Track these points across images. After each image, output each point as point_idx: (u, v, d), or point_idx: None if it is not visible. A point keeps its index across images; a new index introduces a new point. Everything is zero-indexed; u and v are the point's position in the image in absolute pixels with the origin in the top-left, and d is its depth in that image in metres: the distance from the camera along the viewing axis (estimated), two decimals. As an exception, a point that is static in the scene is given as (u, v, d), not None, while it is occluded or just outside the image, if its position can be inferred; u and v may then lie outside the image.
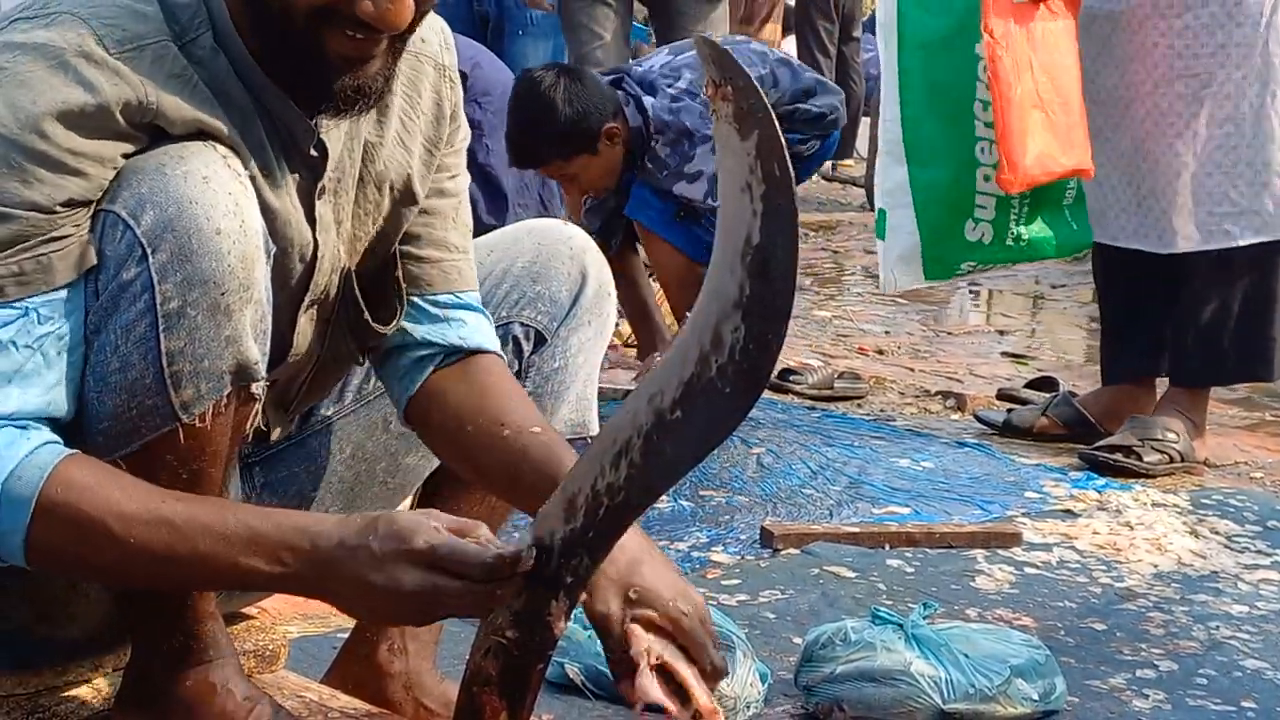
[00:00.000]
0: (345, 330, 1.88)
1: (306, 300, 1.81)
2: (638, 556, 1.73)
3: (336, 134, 1.78)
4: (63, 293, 1.59)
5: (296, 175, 1.76)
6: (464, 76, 3.35)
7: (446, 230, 1.94)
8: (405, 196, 1.88)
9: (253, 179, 1.68)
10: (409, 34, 1.69)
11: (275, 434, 1.95)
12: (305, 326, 1.84)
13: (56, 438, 1.58)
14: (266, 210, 1.69)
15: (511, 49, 5.94)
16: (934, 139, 3.96)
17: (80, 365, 1.61)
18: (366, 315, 1.86)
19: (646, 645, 1.68)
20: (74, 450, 1.58)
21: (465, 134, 1.97)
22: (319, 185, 1.78)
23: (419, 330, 1.91)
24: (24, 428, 1.56)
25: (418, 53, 1.86)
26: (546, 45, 6.04)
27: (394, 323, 1.89)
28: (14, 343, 1.56)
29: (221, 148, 1.65)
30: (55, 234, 1.57)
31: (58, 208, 1.57)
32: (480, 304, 1.96)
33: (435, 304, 1.92)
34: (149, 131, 1.62)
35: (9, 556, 1.57)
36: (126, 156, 1.61)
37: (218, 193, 1.60)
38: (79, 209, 1.59)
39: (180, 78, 1.64)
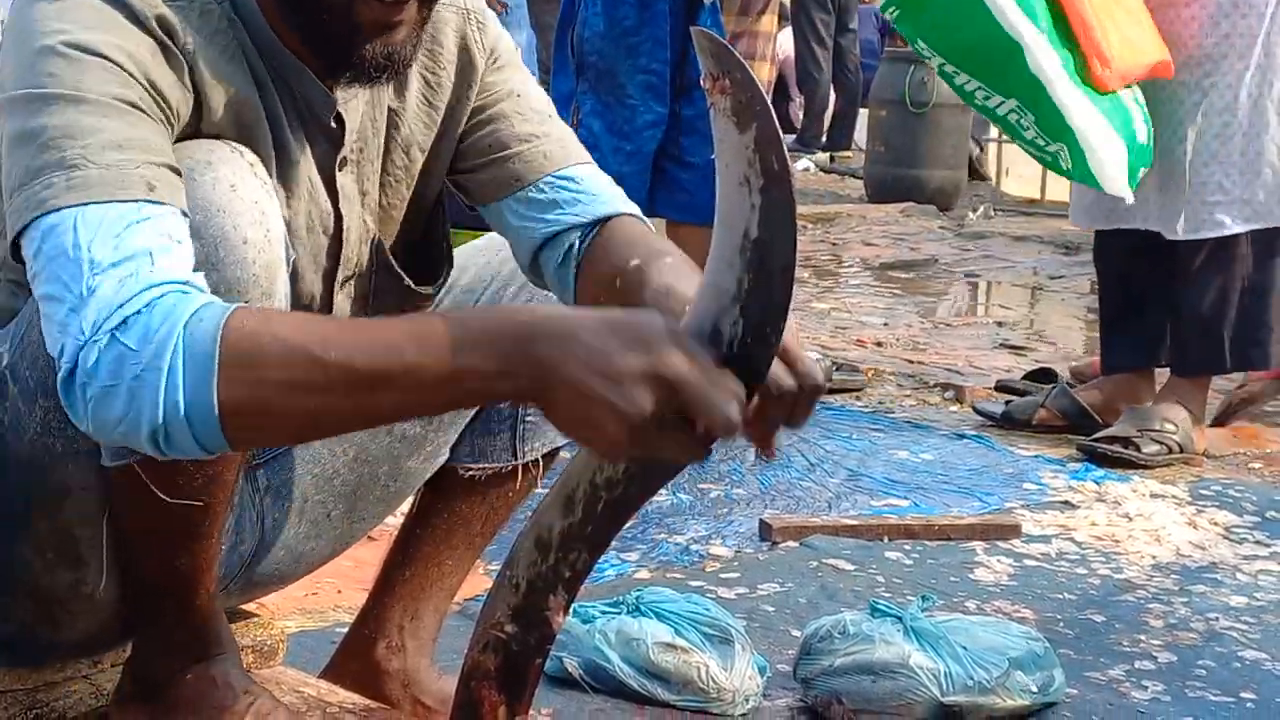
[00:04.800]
0: (392, 303, 1.86)
1: (340, 276, 1.81)
2: None
3: (356, 104, 1.77)
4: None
5: (316, 147, 1.75)
6: None
7: (515, 127, 1.89)
8: (435, 158, 1.86)
9: (270, 153, 1.68)
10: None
11: None
12: (344, 305, 1.83)
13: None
14: (280, 185, 1.69)
15: None
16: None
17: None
18: (408, 281, 1.85)
19: None
20: (242, 305, 1.48)
21: (507, 48, 1.92)
22: (340, 157, 1.77)
23: (537, 226, 1.85)
24: (186, 292, 1.47)
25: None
26: (520, 35, 6.03)
27: (438, 281, 1.87)
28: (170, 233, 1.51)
29: (248, 153, 1.65)
30: (167, 160, 1.54)
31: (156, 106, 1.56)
32: (585, 171, 1.89)
33: (538, 190, 1.86)
34: (191, 88, 1.62)
35: (200, 422, 1.41)
36: (181, 117, 1.61)
37: (244, 200, 1.60)
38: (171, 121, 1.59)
39: (221, 34, 1.65)
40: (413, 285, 1.86)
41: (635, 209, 1.88)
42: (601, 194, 1.87)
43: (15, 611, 1.77)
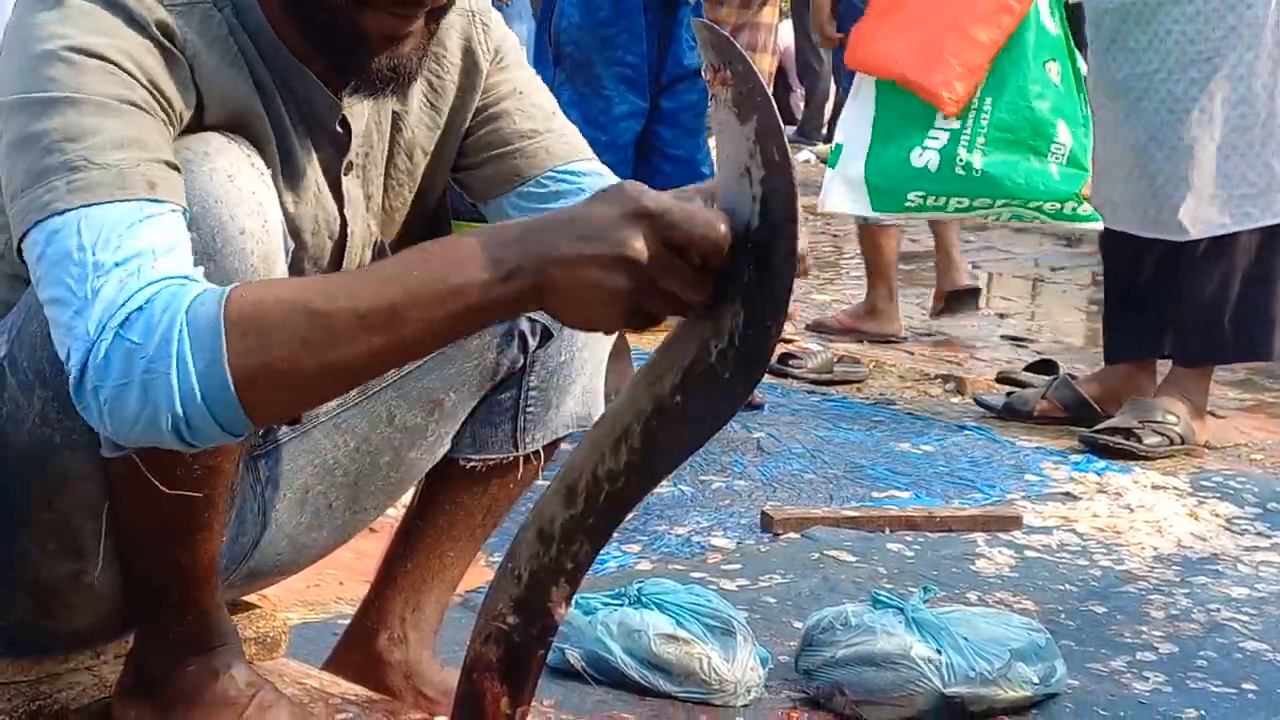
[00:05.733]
0: None
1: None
2: None
3: (360, 109, 1.77)
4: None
5: (321, 152, 1.75)
6: None
7: (517, 123, 1.89)
8: (439, 160, 1.86)
9: (274, 158, 1.68)
10: (446, 10, 1.68)
11: (285, 426, 1.95)
12: None
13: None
14: (286, 189, 1.69)
15: None
16: None
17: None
18: None
19: None
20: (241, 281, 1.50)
21: (512, 47, 1.92)
22: (345, 162, 1.77)
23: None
24: (184, 284, 1.47)
25: None
26: (521, 27, 6.02)
27: None
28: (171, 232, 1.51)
29: (245, 144, 1.65)
30: (167, 156, 1.55)
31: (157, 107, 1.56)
32: (588, 165, 1.90)
33: (539, 185, 1.88)
34: (192, 89, 1.62)
35: (217, 401, 1.41)
36: (182, 118, 1.61)
37: (242, 191, 1.60)
38: (174, 123, 1.59)
39: (222, 41, 1.65)
40: None
41: None
42: (593, 182, 1.88)
43: (16, 603, 1.77)
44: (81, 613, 1.79)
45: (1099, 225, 4.06)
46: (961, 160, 3.91)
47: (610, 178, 1.88)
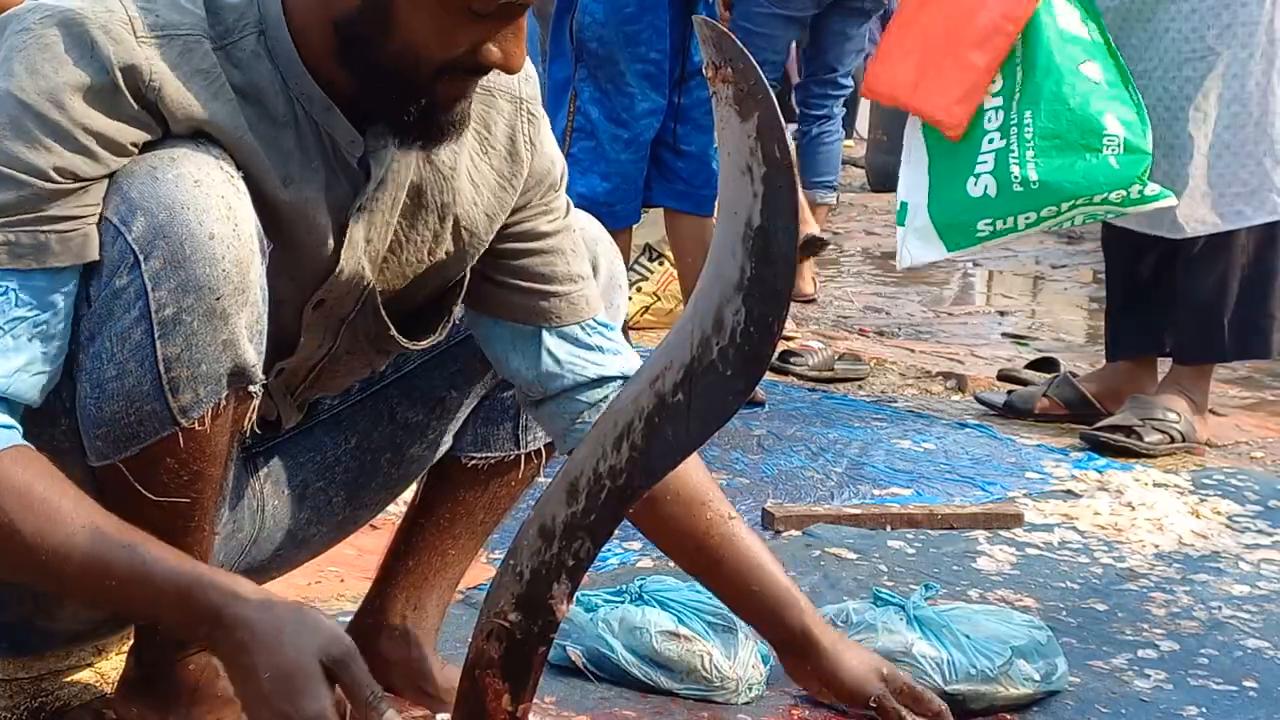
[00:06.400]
0: (364, 337, 1.85)
1: (315, 298, 1.79)
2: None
3: (382, 155, 1.73)
4: (43, 281, 1.56)
5: (335, 187, 1.72)
6: None
7: (569, 264, 1.91)
8: (472, 235, 1.85)
9: (271, 180, 1.66)
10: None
11: (286, 423, 1.95)
12: (315, 320, 1.81)
13: (13, 424, 1.56)
14: (278, 208, 1.67)
15: None
16: None
17: (56, 358, 1.58)
18: (393, 332, 1.84)
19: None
20: (23, 444, 1.55)
21: (561, 170, 1.93)
22: (357, 204, 1.74)
23: (583, 365, 1.91)
24: None
25: (490, 87, 1.82)
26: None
27: (426, 340, 1.87)
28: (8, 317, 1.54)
29: (215, 149, 1.62)
30: (55, 212, 1.55)
31: (60, 179, 1.54)
32: (607, 318, 1.97)
33: (585, 331, 1.92)
34: (158, 119, 1.60)
35: None
36: (137, 146, 1.59)
37: (209, 196, 1.58)
38: (84, 191, 1.57)
39: (205, 74, 1.62)
40: (398, 337, 1.85)
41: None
42: (625, 348, 1.96)
43: (12, 602, 1.77)
44: (75, 612, 1.79)
45: (1174, 201, 4.02)
46: (1016, 177, 3.89)
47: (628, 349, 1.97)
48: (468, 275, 1.88)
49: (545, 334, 1.89)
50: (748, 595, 2.02)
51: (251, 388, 1.66)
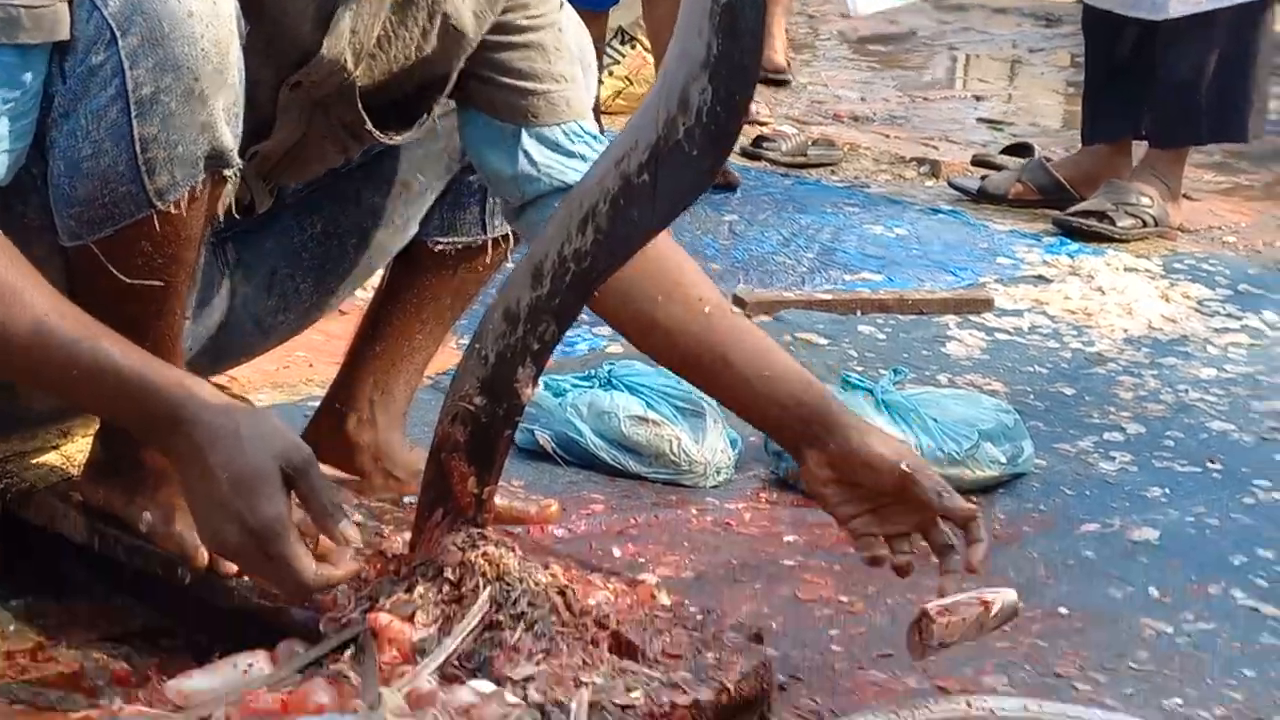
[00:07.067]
0: (339, 125, 1.81)
1: (293, 79, 1.74)
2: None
3: None
4: (12, 57, 1.52)
5: None
6: None
7: (550, 62, 1.86)
8: (460, 34, 1.80)
9: None
10: None
11: (260, 208, 1.91)
12: (289, 102, 1.77)
13: None
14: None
15: None
16: None
17: (24, 136, 1.56)
18: (369, 125, 1.80)
19: None
20: None
21: None
22: None
23: (561, 171, 1.85)
24: None
25: None
26: None
27: (402, 135, 1.83)
28: None
29: None
30: None
31: None
32: (593, 128, 1.90)
33: (566, 136, 1.86)
34: None
35: None
36: None
37: None
38: None
39: None
40: (373, 129, 1.80)
41: None
42: None
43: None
44: (43, 396, 1.78)
45: None
46: None
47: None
48: (454, 75, 1.84)
49: (524, 134, 1.86)
50: (761, 382, 1.85)
51: (227, 171, 1.63)
